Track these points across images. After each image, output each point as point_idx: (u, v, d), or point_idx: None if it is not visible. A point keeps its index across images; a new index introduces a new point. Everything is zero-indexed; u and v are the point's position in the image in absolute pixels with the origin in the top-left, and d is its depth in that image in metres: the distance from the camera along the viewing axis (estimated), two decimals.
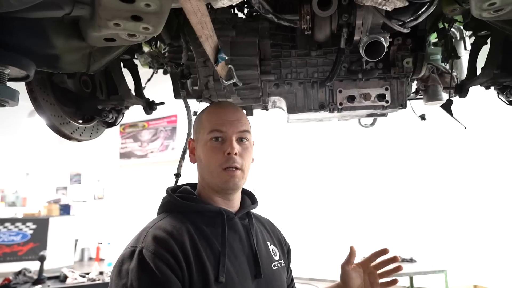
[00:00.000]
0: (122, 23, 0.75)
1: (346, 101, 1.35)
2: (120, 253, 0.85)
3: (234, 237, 0.94)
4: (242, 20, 1.35)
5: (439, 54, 1.54)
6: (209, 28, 0.82)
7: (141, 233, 0.86)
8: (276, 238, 1.12)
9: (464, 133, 4.75)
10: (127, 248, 0.84)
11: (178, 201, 0.95)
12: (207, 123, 0.98)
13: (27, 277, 3.35)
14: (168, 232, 0.84)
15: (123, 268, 0.79)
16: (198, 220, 0.91)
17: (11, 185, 9.22)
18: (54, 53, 0.91)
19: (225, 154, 0.93)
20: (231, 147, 0.93)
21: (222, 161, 0.93)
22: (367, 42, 1.12)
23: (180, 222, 0.89)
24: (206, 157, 0.96)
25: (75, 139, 1.39)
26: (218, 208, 0.95)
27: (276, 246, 1.08)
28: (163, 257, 0.79)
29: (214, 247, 0.87)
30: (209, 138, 0.95)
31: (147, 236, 0.83)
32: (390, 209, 5.62)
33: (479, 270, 4.72)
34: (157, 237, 0.82)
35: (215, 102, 1.12)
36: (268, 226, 1.14)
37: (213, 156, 0.94)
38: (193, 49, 1.23)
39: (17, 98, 0.84)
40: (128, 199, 8.49)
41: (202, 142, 0.97)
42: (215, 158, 0.94)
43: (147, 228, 0.87)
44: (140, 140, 8.75)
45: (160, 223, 0.88)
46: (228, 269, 0.86)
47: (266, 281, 0.94)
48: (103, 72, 1.48)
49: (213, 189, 0.97)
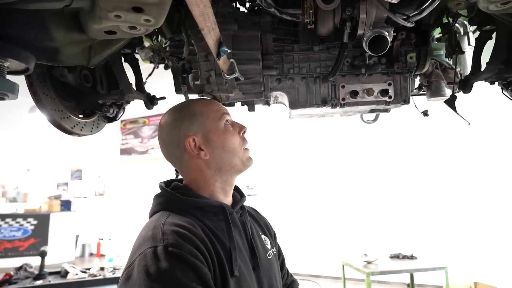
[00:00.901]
0: (123, 14, 0.73)
1: (348, 96, 1.34)
2: (133, 258, 0.76)
3: (236, 231, 0.93)
4: (244, 14, 1.34)
5: (443, 50, 1.53)
6: (211, 21, 0.81)
7: (153, 233, 0.79)
8: (265, 226, 1.14)
9: (465, 131, 4.75)
10: (144, 249, 0.76)
11: (178, 197, 0.91)
12: (211, 112, 0.97)
13: (28, 273, 3.36)
14: (186, 228, 0.80)
15: (151, 271, 0.71)
16: (201, 216, 0.89)
17: (12, 181, 9.22)
18: (54, 46, 0.90)
19: (241, 134, 0.98)
20: (243, 126, 1.00)
21: (241, 142, 0.98)
22: (371, 36, 1.10)
23: (189, 218, 0.85)
24: (229, 141, 0.96)
25: (76, 134, 1.38)
26: (219, 203, 0.94)
27: (266, 235, 1.09)
28: (192, 252, 0.75)
29: (223, 242, 0.87)
30: (223, 124, 0.97)
31: (165, 234, 0.77)
32: (391, 206, 5.62)
33: (479, 267, 4.73)
34: (178, 232, 0.78)
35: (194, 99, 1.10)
36: (256, 216, 1.14)
37: (234, 139, 0.97)
38: (195, 43, 1.22)
39: (16, 91, 0.83)
40: (129, 195, 8.50)
41: (216, 129, 0.96)
42: (237, 140, 0.97)
43: (158, 226, 0.80)
44: (140, 136, 8.74)
45: (169, 220, 0.82)
46: (238, 263, 0.86)
47: (264, 271, 0.94)
48: (103, 66, 1.47)
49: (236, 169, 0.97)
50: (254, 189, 6.69)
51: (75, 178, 9.80)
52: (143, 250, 0.75)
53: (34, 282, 3.18)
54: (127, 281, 0.73)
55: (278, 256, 1.13)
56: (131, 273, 0.74)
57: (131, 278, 0.73)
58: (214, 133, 0.96)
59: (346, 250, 5.12)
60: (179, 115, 0.98)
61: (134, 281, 0.72)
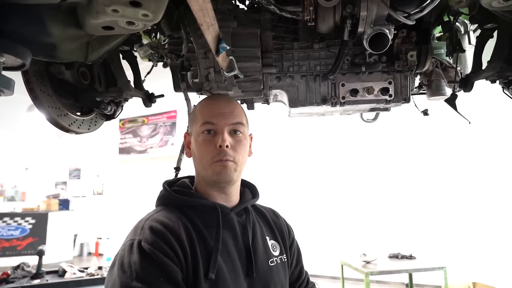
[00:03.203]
0: (120, 9, 0.72)
1: (348, 94, 1.33)
2: (120, 248, 0.83)
3: (228, 233, 0.92)
4: (244, 11, 1.33)
5: (443, 48, 1.52)
6: (210, 16, 0.80)
7: (137, 226, 0.86)
8: (279, 230, 1.08)
9: (465, 130, 4.74)
10: (126, 241, 0.83)
11: (172, 195, 0.94)
12: (199, 116, 0.97)
13: (25, 272, 3.33)
14: (164, 224, 0.83)
15: (124, 262, 0.78)
16: (192, 214, 0.90)
17: (10, 180, 9.19)
18: (51, 42, 0.88)
19: (217, 146, 0.91)
20: (222, 140, 0.91)
21: (214, 154, 0.92)
22: (371, 34, 1.09)
23: (176, 215, 0.88)
24: (199, 150, 0.95)
25: (73, 132, 1.37)
26: (213, 203, 0.93)
27: (277, 240, 1.05)
28: (162, 249, 0.78)
29: (207, 243, 0.86)
30: (201, 131, 0.94)
31: (144, 229, 0.83)
32: (390, 206, 5.61)
33: (478, 267, 4.73)
34: (154, 229, 0.82)
35: (210, 95, 1.11)
36: (271, 218, 1.10)
37: (205, 149, 0.93)
38: (194, 40, 1.21)
39: (12, 87, 0.82)
40: (128, 194, 8.48)
41: (195, 135, 0.97)
42: (206, 151, 0.93)
43: (143, 220, 0.86)
44: (139, 135, 8.72)
45: (155, 216, 0.87)
46: (220, 266, 0.84)
47: (260, 279, 0.91)
48: (101, 63, 1.46)
49: (208, 183, 0.96)
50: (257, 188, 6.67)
51: (74, 177, 9.78)
52: (125, 242, 0.83)
53: (31, 281, 3.16)
54: (111, 270, 0.81)
55: (292, 265, 1.09)
56: (115, 261, 0.82)
57: (114, 267, 0.80)
58: (193, 137, 0.99)
59: (345, 250, 5.11)
60: (193, 109, 1.04)
61: (114, 269, 0.80)
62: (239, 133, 0.96)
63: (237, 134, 0.96)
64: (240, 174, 0.97)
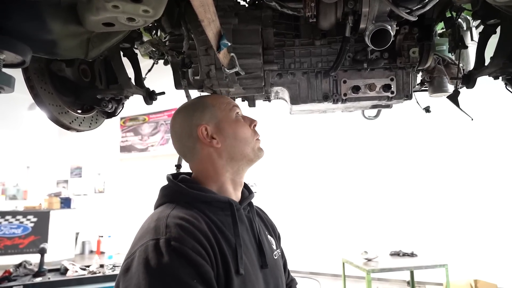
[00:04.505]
0: (121, 5, 0.72)
1: (350, 91, 1.32)
2: (134, 249, 0.74)
3: (242, 228, 0.92)
4: (245, 8, 1.32)
5: (446, 45, 1.51)
6: (211, 12, 0.79)
7: (157, 224, 0.76)
8: (271, 227, 1.13)
9: (468, 127, 4.73)
10: (145, 241, 0.73)
11: (185, 190, 0.88)
12: (222, 104, 1.01)
13: (27, 270, 3.35)
14: (189, 222, 0.77)
15: (152, 264, 0.68)
16: (207, 210, 0.86)
17: (12, 178, 9.22)
18: (51, 38, 0.88)
19: (252, 127, 1.01)
20: (254, 119, 1.03)
21: (252, 133, 1.01)
22: (373, 30, 1.08)
23: (194, 212, 0.83)
24: (241, 130, 0.98)
25: (74, 129, 1.37)
26: (227, 198, 0.92)
27: (272, 236, 1.08)
28: (194, 248, 0.73)
29: (229, 239, 0.85)
30: (234, 115, 1.00)
31: (169, 226, 0.75)
32: (391, 203, 5.61)
33: (480, 264, 4.72)
34: (181, 226, 0.75)
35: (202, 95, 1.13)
36: (262, 215, 1.14)
37: (245, 128, 1.00)
38: (195, 37, 1.20)
39: (12, 84, 0.82)
40: (129, 192, 8.50)
41: (227, 120, 0.99)
42: (248, 130, 1.00)
43: (162, 218, 0.78)
44: (140, 134, 8.73)
45: (174, 213, 0.80)
46: (244, 260, 0.84)
47: (270, 271, 0.93)
48: (102, 60, 1.45)
49: (249, 159, 0.98)
50: (254, 186, 6.68)
51: (75, 176, 9.80)
52: (144, 242, 0.73)
53: (33, 279, 3.17)
54: (126, 273, 0.71)
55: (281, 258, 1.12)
56: (130, 264, 0.71)
57: (130, 269, 0.71)
58: (225, 122, 0.98)
59: (346, 248, 5.11)
60: (192, 107, 1.01)
61: (133, 273, 0.69)
62: None
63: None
64: None
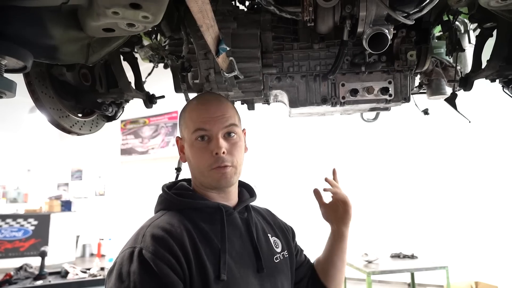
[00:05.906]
0: (120, 11, 0.73)
1: (348, 94, 1.33)
2: (118, 255, 0.81)
3: (234, 233, 0.92)
4: (244, 12, 1.33)
5: (443, 48, 1.52)
6: (210, 17, 0.80)
7: (138, 233, 0.82)
8: (278, 227, 1.10)
9: (466, 129, 4.73)
10: (125, 249, 0.80)
11: (174, 198, 0.92)
12: (190, 122, 0.93)
13: (28, 273, 3.35)
14: (167, 231, 0.81)
15: (123, 271, 0.75)
16: (196, 217, 0.89)
17: (13, 181, 9.23)
18: (52, 44, 0.89)
19: (213, 154, 0.89)
20: (217, 147, 0.88)
21: (211, 162, 0.89)
22: (371, 34, 1.09)
23: (178, 220, 0.86)
24: (194, 158, 0.92)
25: (75, 133, 1.38)
26: (216, 203, 0.92)
27: (278, 237, 1.05)
28: (164, 258, 0.76)
29: (213, 245, 0.85)
30: (194, 138, 0.91)
31: (145, 236, 0.80)
32: (391, 205, 5.61)
33: (480, 266, 4.72)
34: (156, 237, 0.79)
35: (198, 95, 1.04)
36: (268, 217, 1.11)
37: (201, 156, 0.90)
38: (194, 42, 1.21)
39: (14, 90, 0.83)
40: (129, 195, 8.49)
41: (189, 142, 0.94)
42: (203, 159, 0.90)
43: (144, 227, 0.83)
44: (141, 136, 8.74)
45: (157, 222, 0.85)
46: (230, 266, 0.84)
47: (268, 275, 0.92)
48: (102, 65, 1.47)
49: (206, 187, 0.95)
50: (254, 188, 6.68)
51: (76, 179, 9.81)
52: (125, 249, 0.80)
53: (34, 282, 3.17)
54: (109, 276, 0.78)
55: (296, 255, 1.12)
56: (112, 269, 0.78)
57: (111, 274, 0.77)
58: (186, 143, 0.96)
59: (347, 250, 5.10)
60: (182, 112, 0.99)
61: (112, 277, 0.76)
62: (233, 135, 0.93)
63: (231, 137, 0.93)
64: (239, 174, 0.95)
